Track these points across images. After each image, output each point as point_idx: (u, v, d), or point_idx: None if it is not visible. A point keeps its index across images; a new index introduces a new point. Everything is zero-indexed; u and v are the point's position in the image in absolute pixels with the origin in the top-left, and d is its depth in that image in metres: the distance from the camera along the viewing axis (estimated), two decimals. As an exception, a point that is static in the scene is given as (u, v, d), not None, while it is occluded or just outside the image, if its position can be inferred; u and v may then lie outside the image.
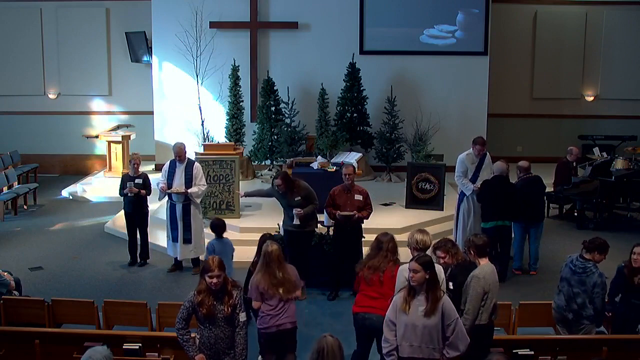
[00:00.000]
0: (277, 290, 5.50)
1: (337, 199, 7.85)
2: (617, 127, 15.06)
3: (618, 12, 15.03)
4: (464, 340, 4.71)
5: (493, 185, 8.46)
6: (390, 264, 5.64)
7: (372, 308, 5.57)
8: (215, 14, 13.42)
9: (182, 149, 8.69)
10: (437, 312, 4.65)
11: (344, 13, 13.75)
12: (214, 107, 13.76)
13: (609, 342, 5.41)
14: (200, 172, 8.78)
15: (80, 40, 14.82)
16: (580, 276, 5.78)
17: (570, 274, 5.87)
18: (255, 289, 5.58)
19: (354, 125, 13.37)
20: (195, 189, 8.64)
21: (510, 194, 8.46)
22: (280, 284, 5.53)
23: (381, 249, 5.70)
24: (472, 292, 5.16)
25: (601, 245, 5.83)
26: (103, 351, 4.14)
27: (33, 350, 5.45)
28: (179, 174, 8.63)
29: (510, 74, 15.10)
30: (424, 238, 5.50)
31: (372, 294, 5.62)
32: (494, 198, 8.38)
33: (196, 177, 8.66)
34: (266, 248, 5.63)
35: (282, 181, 7.78)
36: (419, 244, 5.47)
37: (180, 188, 8.56)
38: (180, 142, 8.90)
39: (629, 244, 9.67)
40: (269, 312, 5.55)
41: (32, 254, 9.70)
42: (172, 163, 8.72)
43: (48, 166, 15.06)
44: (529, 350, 5.27)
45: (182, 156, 8.66)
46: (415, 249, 5.49)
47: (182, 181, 8.60)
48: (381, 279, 5.59)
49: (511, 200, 8.43)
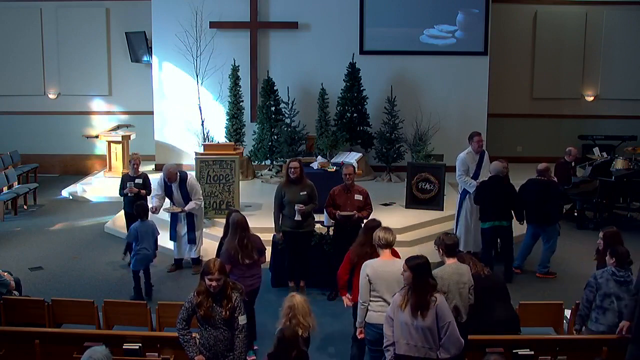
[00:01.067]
0: (244, 254, 6.25)
1: (337, 199, 7.86)
2: (617, 127, 15.07)
3: (618, 12, 15.03)
4: (456, 343, 4.71)
5: (490, 185, 8.45)
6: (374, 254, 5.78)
7: None
8: (215, 14, 13.42)
9: (171, 172, 8.55)
10: (430, 314, 4.67)
11: (344, 13, 13.74)
12: (214, 107, 13.77)
13: (609, 342, 5.40)
14: (195, 187, 8.74)
15: (80, 40, 14.82)
16: (627, 285, 5.63)
17: (618, 286, 5.63)
18: (226, 254, 6.27)
19: (354, 125, 13.37)
20: (193, 205, 8.65)
21: (508, 193, 8.43)
22: (246, 249, 6.28)
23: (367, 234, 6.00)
24: None
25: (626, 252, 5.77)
26: (103, 351, 4.14)
27: (33, 350, 5.45)
28: (175, 191, 8.67)
29: (510, 74, 15.10)
30: (386, 236, 5.59)
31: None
32: (493, 198, 8.37)
33: (191, 192, 8.67)
34: (233, 218, 6.44)
35: (300, 164, 7.94)
36: (381, 241, 5.57)
37: (178, 207, 8.63)
38: (170, 165, 8.77)
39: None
40: (240, 274, 6.20)
41: (32, 254, 9.70)
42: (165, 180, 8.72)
43: (48, 166, 15.06)
44: (529, 350, 5.27)
45: (172, 179, 8.59)
46: (378, 245, 5.61)
47: (179, 199, 8.65)
48: None
49: (509, 201, 8.41)
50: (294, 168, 7.84)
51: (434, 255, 5.79)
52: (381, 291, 5.37)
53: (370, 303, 5.41)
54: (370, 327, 5.39)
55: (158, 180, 8.81)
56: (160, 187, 8.71)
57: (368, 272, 5.41)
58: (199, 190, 8.83)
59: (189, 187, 8.65)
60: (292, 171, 7.85)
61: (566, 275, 8.87)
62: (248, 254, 6.29)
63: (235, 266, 6.22)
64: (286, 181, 8.00)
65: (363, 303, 5.44)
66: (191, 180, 8.77)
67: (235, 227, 6.38)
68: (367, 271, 5.41)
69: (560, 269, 9.04)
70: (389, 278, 5.36)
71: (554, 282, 8.65)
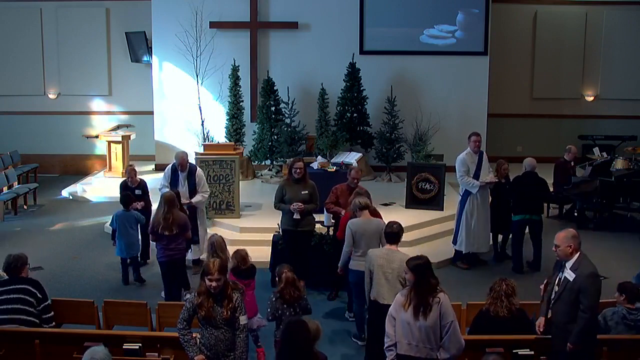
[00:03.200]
0: (164, 227, 7.12)
1: (340, 197, 7.93)
2: (617, 127, 15.06)
3: (618, 12, 15.03)
4: (456, 343, 4.71)
5: (523, 179, 8.91)
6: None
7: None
8: (215, 14, 13.42)
9: (184, 159, 8.65)
10: (433, 314, 4.67)
11: (344, 13, 13.74)
12: (214, 107, 13.77)
13: (609, 342, 5.40)
14: (203, 179, 8.81)
15: (80, 40, 14.82)
16: (638, 329, 5.43)
17: (628, 330, 5.47)
18: (150, 225, 7.38)
19: (354, 125, 13.37)
20: (200, 198, 8.68)
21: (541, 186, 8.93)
22: (166, 222, 7.13)
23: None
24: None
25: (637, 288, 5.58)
26: (103, 351, 4.15)
27: (33, 350, 5.45)
28: (182, 182, 8.63)
29: (510, 74, 15.10)
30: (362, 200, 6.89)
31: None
32: (526, 192, 8.83)
33: (199, 184, 8.69)
34: (163, 194, 7.40)
35: (304, 164, 8.05)
36: (360, 205, 6.80)
37: (185, 200, 8.56)
38: (183, 152, 8.87)
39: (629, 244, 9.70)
40: (162, 245, 7.21)
41: (32, 254, 9.58)
42: (174, 168, 8.71)
43: (48, 166, 15.06)
44: (529, 351, 5.27)
45: (184, 166, 8.64)
46: (358, 208, 6.79)
47: (185, 190, 8.60)
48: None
49: (540, 195, 8.96)
50: (299, 169, 7.88)
51: (435, 255, 5.80)
52: (361, 245, 6.67)
53: (352, 255, 6.75)
54: (352, 272, 6.74)
55: (165, 171, 8.82)
56: (166, 179, 8.68)
57: (352, 228, 6.74)
58: (206, 184, 8.87)
59: (198, 178, 8.68)
60: (298, 172, 7.88)
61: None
62: (168, 226, 7.13)
63: (158, 237, 7.23)
64: (288, 180, 8.02)
65: (346, 249, 6.80)
66: (200, 172, 8.82)
67: (162, 202, 7.26)
68: (351, 227, 6.75)
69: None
70: (367, 233, 6.68)
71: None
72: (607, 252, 9.83)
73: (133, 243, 8.54)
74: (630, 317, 5.45)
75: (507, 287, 5.49)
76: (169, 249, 7.23)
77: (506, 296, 5.47)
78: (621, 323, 5.47)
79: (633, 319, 5.42)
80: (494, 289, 5.54)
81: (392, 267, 5.86)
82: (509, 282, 5.54)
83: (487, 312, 5.52)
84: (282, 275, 5.88)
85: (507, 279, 5.64)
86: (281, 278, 5.88)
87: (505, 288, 5.48)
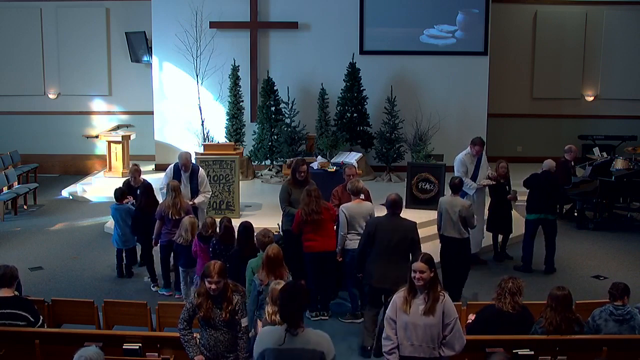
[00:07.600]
0: (174, 211, 7.74)
1: (342, 198, 7.97)
2: (617, 127, 15.06)
3: (618, 12, 15.03)
4: (460, 340, 4.72)
5: (540, 178, 8.89)
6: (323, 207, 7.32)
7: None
8: (215, 14, 13.42)
9: (188, 160, 8.67)
10: (438, 311, 4.66)
11: (344, 13, 13.75)
12: (214, 107, 13.77)
13: (609, 342, 5.40)
14: (205, 180, 8.82)
15: (80, 40, 14.82)
16: (629, 322, 5.46)
17: (619, 326, 5.47)
18: (159, 209, 7.88)
19: (354, 125, 13.38)
20: (202, 198, 8.70)
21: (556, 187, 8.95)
22: (175, 207, 7.75)
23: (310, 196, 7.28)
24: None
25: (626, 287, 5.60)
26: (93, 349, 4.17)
27: (33, 350, 5.44)
28: (184, 182, 8.61)
29: (510, 74, 15.10)
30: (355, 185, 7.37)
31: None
32: (541, 192, 8.81)
33: (201, 184, 8.70)
34: (170, 184, 7.95)
35: (307, 167, 8.18)
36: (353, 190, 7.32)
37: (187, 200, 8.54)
38: (186, 152, 8.87)
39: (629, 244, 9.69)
40: (167, 230, 7.81)
41: (32, 254, 9.70)
42: (177, 168, 8.70)
43: (48, 166, 15.07)
44: (529, 351, 5.26)
45: (187, 166, 8.65)
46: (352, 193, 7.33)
47: (187, 190, 8.59)
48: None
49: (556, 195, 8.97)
50: (304, 172, 7.97)
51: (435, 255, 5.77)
52: (354, 226, 7.22)
53: (348, 236, 7.22)
54: (348, 251, 7.23)
55: (167, 170, 8.82)
56: (168, 178, 8.64)
57: (345, 212, 7.21)
58: (208, 184, 8.90)
59: (200, 178, 8.70)
60: (302, 175, 7.96)
61: (566, 275, 8.87)
62: (177, 211, 7.74)
63: (165, 222, 7.81)
64: (292, 181, 8.06)
65: (341, 233, 7.24)
66: (202, 172, 8.85)
67: (170, 189, 7.86)
68: (345, 212, 7.21)
69: (560, 268, 9.05)
70: (358, 215, 7.23)
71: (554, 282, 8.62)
72: (607, 252, 9.84)
73: (127, 234, 8.65)
74: (617, 312, 5.51)
75: (513, 285, 5.49)
76: (172, 232, 7.75)
77: (510, 294, 5.47)
78: (610, 319, 5.52)
79: (620, 314, 5.50)
80: (500, 285, 5.57)
81: (454, 210, 7.52)
82: (517, 281, 5.54)
83: (492, 305, 5.57)
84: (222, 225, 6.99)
85: (517, 277, 5.63)
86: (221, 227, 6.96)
87: (510, 286, 5.49)
